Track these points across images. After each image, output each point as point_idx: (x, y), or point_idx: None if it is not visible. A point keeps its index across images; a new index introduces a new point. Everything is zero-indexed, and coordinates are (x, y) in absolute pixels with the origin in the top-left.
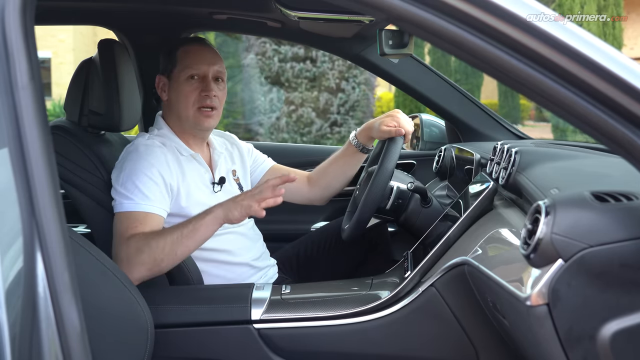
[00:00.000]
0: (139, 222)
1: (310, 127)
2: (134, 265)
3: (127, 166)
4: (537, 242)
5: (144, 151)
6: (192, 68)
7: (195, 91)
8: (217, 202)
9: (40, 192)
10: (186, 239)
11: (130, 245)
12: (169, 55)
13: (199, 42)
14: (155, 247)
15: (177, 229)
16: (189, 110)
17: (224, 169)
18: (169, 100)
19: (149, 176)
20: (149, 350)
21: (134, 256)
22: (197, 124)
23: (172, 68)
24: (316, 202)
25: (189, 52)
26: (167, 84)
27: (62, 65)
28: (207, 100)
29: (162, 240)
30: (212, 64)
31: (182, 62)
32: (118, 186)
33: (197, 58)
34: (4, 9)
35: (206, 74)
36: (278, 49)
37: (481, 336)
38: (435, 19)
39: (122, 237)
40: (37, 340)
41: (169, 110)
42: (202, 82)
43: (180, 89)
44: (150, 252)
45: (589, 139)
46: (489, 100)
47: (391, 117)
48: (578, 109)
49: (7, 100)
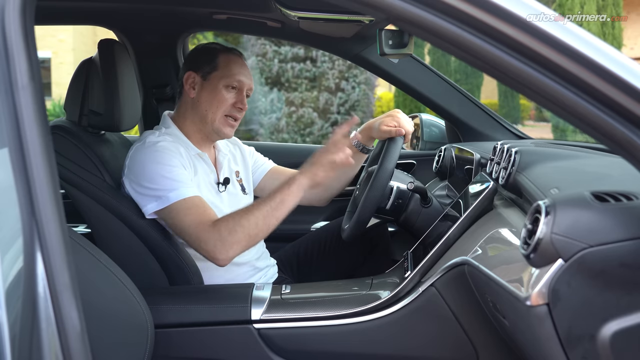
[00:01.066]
0: (204, 207)
1: (310, 127)
2: (230, 245)
3: (148, 164)
4: (537, 242)
5: (161, 147)
6: (234, 79)
7: (230, 100)
8: (221, 203)
9: (40, 192)
10: (276, 211)
11: (220, 229)
12: (208, 57)
13: (240, 55)
14: (247, 225)
15: (265, 203)
16: (217, 115)
17: (228, 170)
18: (196, 99)
19: (175, 166)
20: (149, 350)
21: (228, 237)
22: (220, 130)
23: (211, 71)
24: (316, 203)
25: (233, 61)
26: (200, 83)
27: (62, 65)
28: (238, 113)
29: (253, 218)
30: (249, 80)
31: (225, 70)
32: (146, 183)
33: (240, 71)
34: (4, 9)
35: (243, 87)
36: (278, 49)
37: (481, 336)
38: (435, 19)
39: (202, 224)
40: (37, 340)
41: (192, 108)
42: (238, 94)
43: (215, 93)
44: (243, 230)
45: (589, 139)
46: (489, 100)
47: (391, 117)
48: (578, 109)
49: (7, 100)
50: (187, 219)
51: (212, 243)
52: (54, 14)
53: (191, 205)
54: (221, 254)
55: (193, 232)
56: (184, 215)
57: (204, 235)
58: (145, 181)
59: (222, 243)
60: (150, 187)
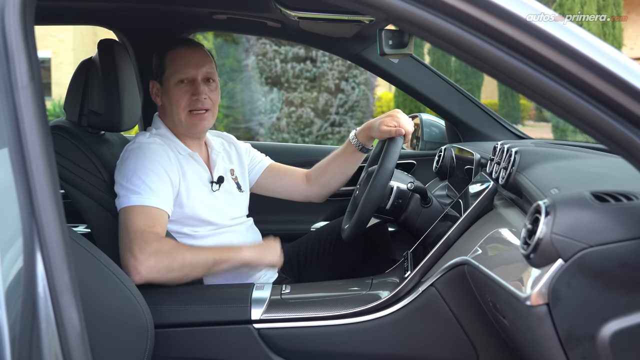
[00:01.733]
0: (153, 220)
1: (310, 128)
2: (157, 268)
3: (131, 163)
4: (537, 242)
5: (147, 148)
6: (180, 73)
7: (185, 95)
8: (216, 201)
9: (40, 192)
10: (214, 266)
11: (151, 244)
12: (159, 60)
13: (186, 45)
14: (187, 260)
15: (211, 254)
16: (181, 114)
17: (222, 168)
18: (162, 105)
19: (155, 172)
20: (149, 350)
21: (154, 257)
22: (190, 127)
23: (162, 73)
24: (314, 199)
25: (176, 56)
26: (160, 89)
27: (62, 65)
28: (198, 103)
29: (196, 257)
30: (199, 66)
31: (170, 67)
32: (124, 181)
33: (184, 61)
34: (4, 9)
35: (195, 77)
36: (278, 49)
37: (481, 336)
38: (435, 19)
39: (139, 232)
40: (37, 340)
41: (164, 115)
42: (191, 85)
43: (170, 94)
44: (180, 262)
45: (589, 139)
46: (489, 100)
47: (391, 117)
48: (578, 109)
49: (7, 100)
50: (132, 222)
51: (144, 256)
52: (54, 14)
53: (145, 214)
54: (143, 270)
55: (126, 235)
56: (133, 218)
57: (132, 242)
58: (123, 177)
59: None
60: (124, 185)
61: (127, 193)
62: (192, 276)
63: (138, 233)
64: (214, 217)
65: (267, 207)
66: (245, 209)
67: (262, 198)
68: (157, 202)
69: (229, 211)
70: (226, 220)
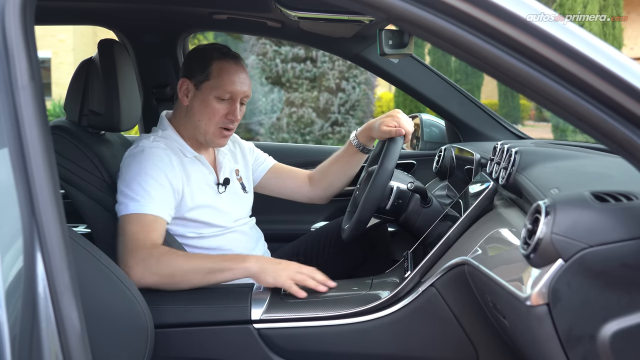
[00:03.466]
0: (150, 227)
1: (310, 127)
2: (151, 274)
3: (133, 168)
4: (537, 242)
5: (150, 153)
6: (225, 90)
7: (222, 112)
8: (221, 203)
9: (40, 192)
10: (211, 275)
11: (153, 253)
12: (202, 64)
13: (235, 60)
14: (180, 267)
15: (209, 261)
16: (210, 127)
17: (228, 169)
18: (189, 108)
19: (156, 179)
20: (149, 350)
21: (155, 265)
22: (213, 141)
23: (204, 80)
24: (317, 201)
25: (225, 70)
26: (193, 92)
27: (62, 65)
28: (231, 124)
29: (190, 265)
30: (243, 86)
31: (216, 80)
32: (123, 187)
33: (232, 79)
34: (4, 9)
35: (237, 97)
36: (279, 49)
37: (481, 336)
38: (435, 19)
39: (133, 240)
40: (37, 340)
41: (186, 115)
42: (230, 104)
43: (207, 105)
44: (174, 269)
45: (589, 139)
46: (489, 100)
47: (391, 117)
48: (578, 109)
49: (7, 100)
50: (128, 229)
51: (134, 262)
52: (54, 14)
53: (142, 221)
54: (135, 276)
55: (127, 243)
56: (130, 225)
57: (132, 251)
58: (124, 184)
59: (143, 268)
60: (123, 191)
61: (125, 200)
62: (188, 284)
63: (132, 240)
64: (218, 220)
65: (267, 207)
66: (249, 210)
67: (262, 198)
68: (155, 209)
69: (233, 213)
70: (230, 222)
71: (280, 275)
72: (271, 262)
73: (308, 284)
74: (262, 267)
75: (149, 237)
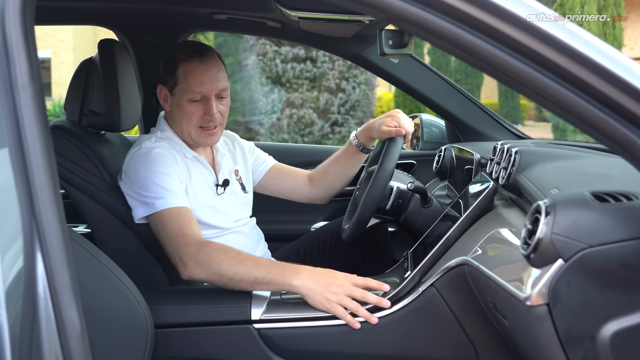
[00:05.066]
0: (187, 220)
1: (311, 128)
2: (201, 268)
3: (141, 170)
4: (537, 242)
5: (156, 154)
6: (194, 92)
7: (198, 113)
8: (221, 204)
9: (40, 192)
10: (255, 285)
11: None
12: (170, 69)
13: (199, 57)
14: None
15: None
16: (192, 128)
17: (227, 170)
18: (171, 113)
19: (169, 175)
20: (149, 350)
21: (206, 261)
22: (200, 140)
23: (174, 85)
24: (317, 201)
25: (190, 72)
26: (170, 97)
27: (62, 65)
28: (210, 122)
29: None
30: (214, 83)
31: (184, 84)
32: (140, 190)
33: (199, 79)
34: (4, 9)
35: (209, 96)
36: (279, 49)
37: (481, 336)
38: (435, 19)
39: (184, 236)
40: (37, 340)
41: (171, 119)
42: (204, 104)
43: (182, 109)
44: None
45: (589, 139)
46: (489, 100)
47: (391, 117)
48: (578, 109)
49: (7, 100)
50: (169, 226)
51: (187, 257)
52: (54, 14)
53: (176, 215)
54: (189, 270)
55: (173, 240)
56: (167, 222)
57: (183, 246)
58: (137, 187)
59: (196, 262)
60: (140, 193)
61: (150, 200)
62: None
63: (177, 237)
64: (218, 221)
65: (267, 207)
66: (249, 210)
67: (262, 198)
68: (180, 201)
69: (233, 214)
70: (230, 223)
71: (329, 301)
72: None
73: (369, 299)
74: (310, 289)
75: (191, 231)
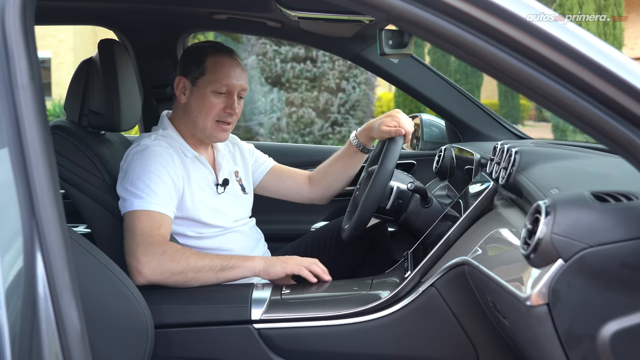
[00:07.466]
0: (158, 223)
1: (310, 127)
2: (162, 270)
3: (136, 166)
4: (537, 242)
5: (153, 152)
6: (222, 84)
7: (220, 105)
8: (221, 204)
9: (40, 192)
10: (221, 272)
11: (165, 250)
12: (197, 60)
13: (229, 54)
14: (192, 265)
15: (218, 259)
16: (208, 122)
17: (227, 170)
18: (187, 105)
19: (159, 176)
20: (149, 350)
21: (167, 262)
22: (213, 136)
23: (199, 76)
24: (317, 201)
25: (220, 65)
26: (189, 89)
27: (62, 65)
28: (229, 117)
29: (201, 262)
30: (240, 79)
31: (212, 74)
32: (128, 185)
33: (228, 72)
34: (4, 9)
35: (233, 91)
36: (279, 49)
37: (481, 336)
38: (435, 19)
39: (145, 235)
40: (37, 340)
41: (184, 113)
42: (227, 98)
43: (204, 100)
44: (184, 266)
45: (589, 139)
46: (489, 100)
47: (391, 117)
48: (578, 109)
49: (7, 100)
50: (138, 225)
51: (148, 258)
52: (54, 14)
53: (150, 217)
54: (147, 271)
55: (137, 237)
56: (137, 222)
57: (145, 247)
58: (128, 182)
59: (157, 263)
60: (128, 189)
61: (131, 197)
62: (198, 281)
63: (144, 236)
64: (217, 220)
65: (267, 207)
66: (248, 211)
67: (262, 198)
68: (161, 206)
69: (232, 214)
70: (230, 222)
71: (287, 263)
72: (275, 257)
73: (313, 269)
74: (269, 261)
75: (159, 233)
